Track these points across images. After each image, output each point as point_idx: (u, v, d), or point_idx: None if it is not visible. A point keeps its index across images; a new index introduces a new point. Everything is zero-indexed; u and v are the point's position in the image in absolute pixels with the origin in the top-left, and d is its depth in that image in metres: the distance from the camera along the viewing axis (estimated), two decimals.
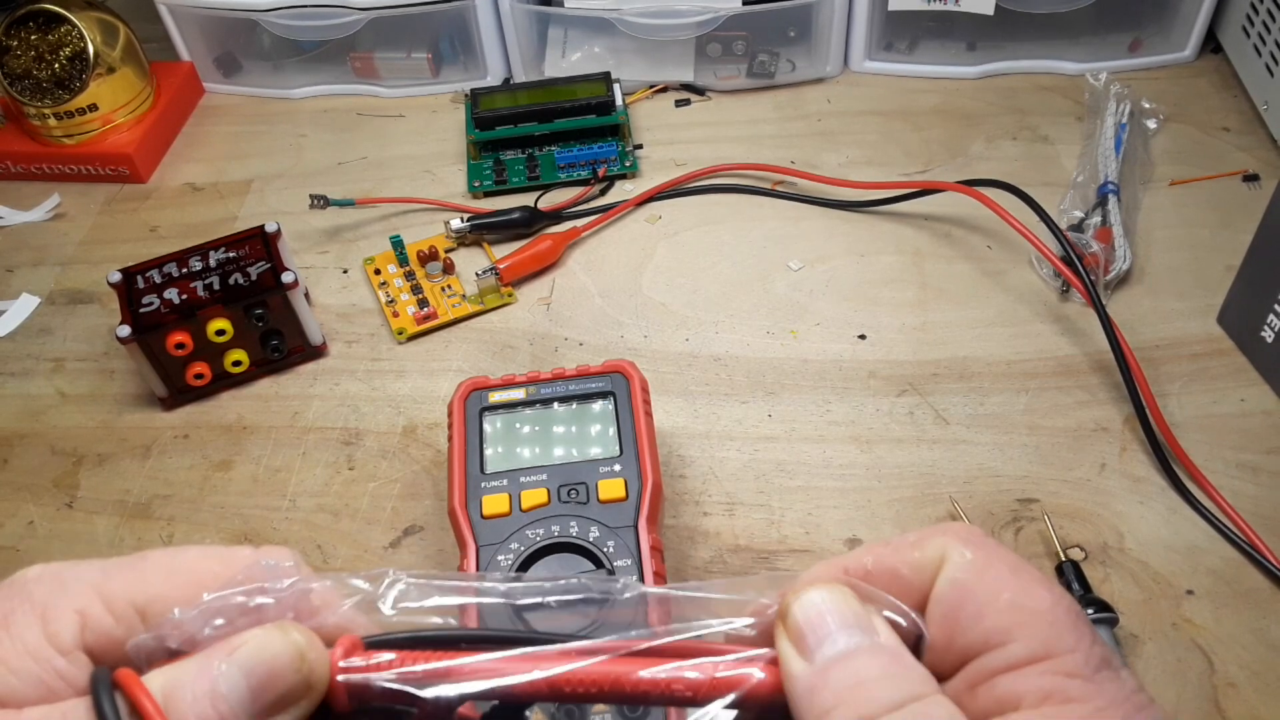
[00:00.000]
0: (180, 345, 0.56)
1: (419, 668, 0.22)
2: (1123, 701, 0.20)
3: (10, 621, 0.21)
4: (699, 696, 0.22)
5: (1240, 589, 0.46)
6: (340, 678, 0.22)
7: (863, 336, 0.59)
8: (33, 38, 0.71)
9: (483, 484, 0.46)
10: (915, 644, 0.22)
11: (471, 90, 0.73)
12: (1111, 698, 0.20)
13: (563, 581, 0.25)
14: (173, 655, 0.22)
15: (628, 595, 0.24)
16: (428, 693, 0.21)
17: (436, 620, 0.23)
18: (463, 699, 0.22)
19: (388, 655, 0.22)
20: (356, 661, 0.22)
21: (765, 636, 0.23)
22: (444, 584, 0.24)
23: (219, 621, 0.22)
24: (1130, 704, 0.20)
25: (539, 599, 0.25)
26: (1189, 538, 0.48)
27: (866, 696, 0.20)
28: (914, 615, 0.22)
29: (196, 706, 0.20)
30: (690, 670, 0.22)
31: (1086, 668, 0.20)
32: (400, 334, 0.61)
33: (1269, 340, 0.53)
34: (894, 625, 0.22)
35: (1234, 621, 0.45)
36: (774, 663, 0.22)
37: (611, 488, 0.45)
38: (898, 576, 0.22)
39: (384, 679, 0.22)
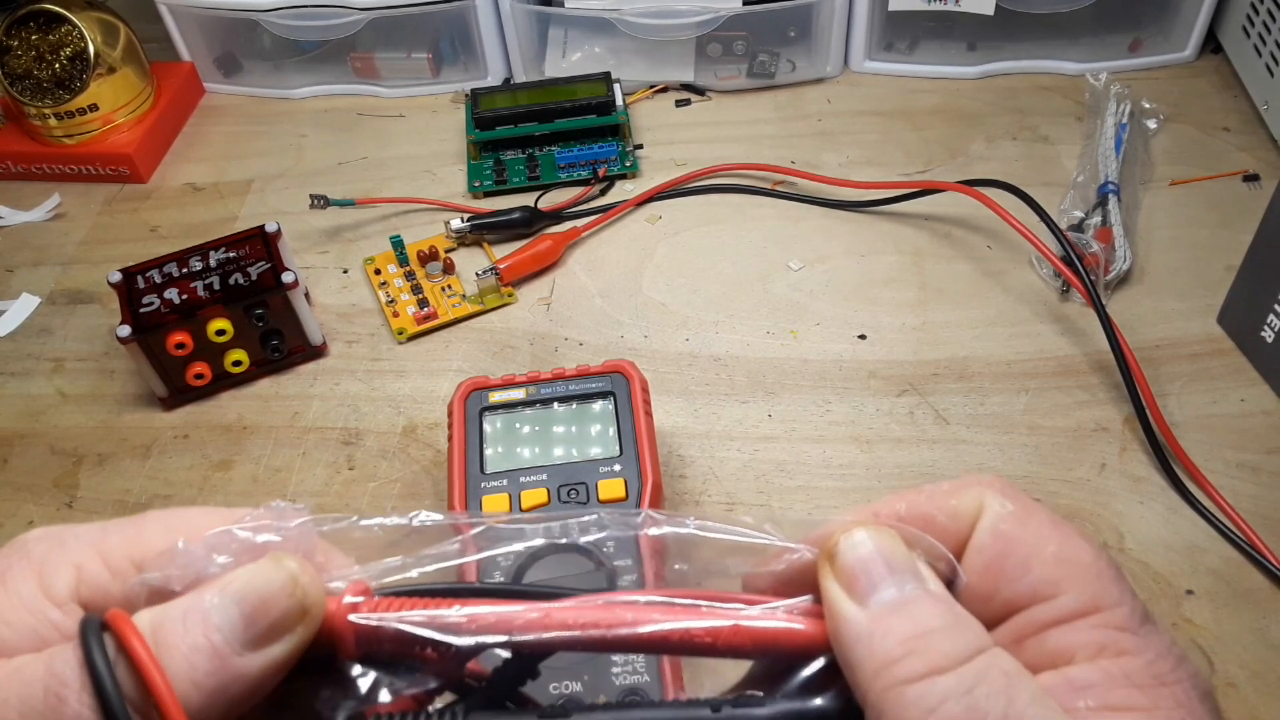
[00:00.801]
0: (180, 345, 0.56)
1: (431, 613, 0.21)
2: (1165, 654, 0.20)
3: (7, 577, 0.21)
4: (719, 644, 0.21)
5: (1240, 589, 0.46)
6: (352, 616, 0.21)
7: (863, 336, 0.59)
8: (33, 38, 0.71)
9: (483, 484, 0.46)
10: (949, 590, 0.21)
11: (472, 90, 0.73)
12: (1158, 651, 0.20)
13: (585, 519, 0.24)
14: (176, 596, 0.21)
15: (647, 532, 0.23)
16: (442, 638, 0.21)
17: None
18: (479, 648, 0.21)
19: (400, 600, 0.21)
20: (364, 602, 0.21)
21: (787, 585, 0.23)
22: (462, 520, 0.23)
23: (222, 559, 0.21)
24: (1172, 656, 0.20)
25: (561, 539, 0.24)
26: (1189, 538, 0.48)
27: (934, 648, 0.19)
28: (954, 561, 0.21)
29: (188, 637, 0.20)
30: (712, 618, 0.21)
31: (1133, 621, 0.20)
32: (400, 334, 0.61)
33: (1269, 340, 0.53)
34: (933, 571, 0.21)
35: (1234, 621, 0.45)
36: (805, 613, 0.21)
37: (611, 488, 0.45)
38: (932, 523, 0.22)
39: (397, 621, 0.21)
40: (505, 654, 0.21)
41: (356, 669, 0.21)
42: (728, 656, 0.21)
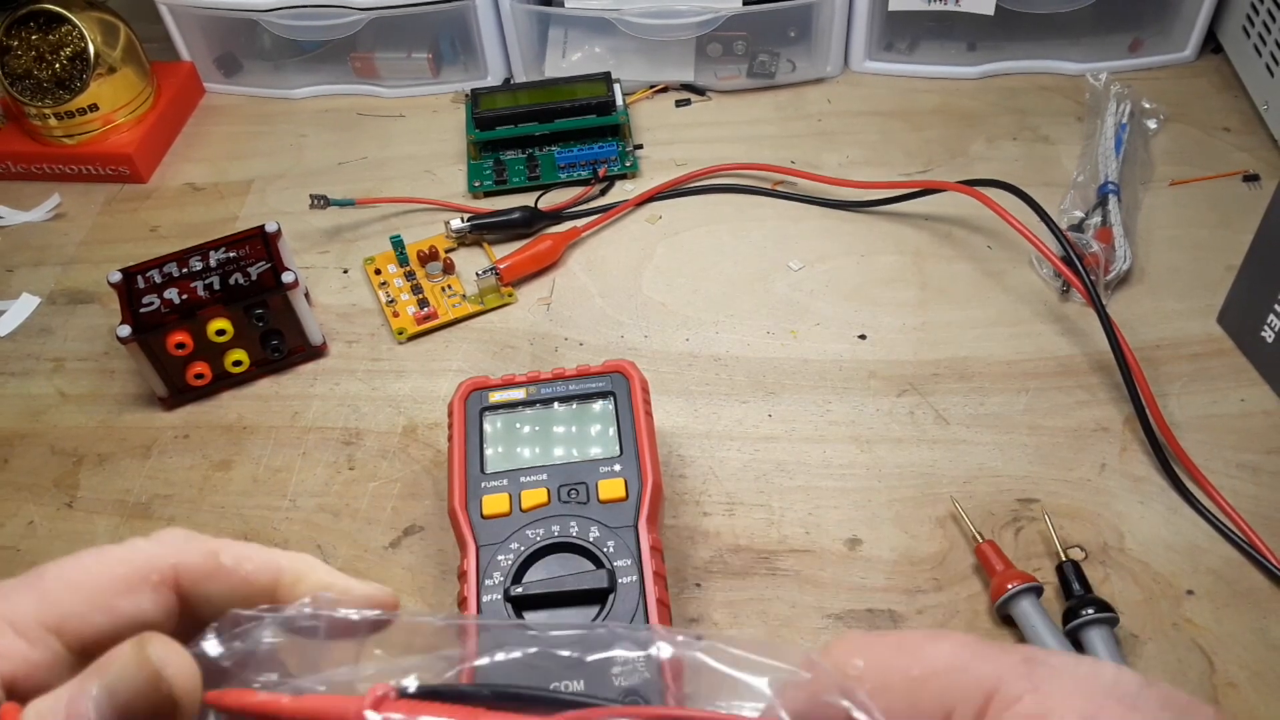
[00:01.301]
0: (180, 345, 0.56)
1: None
2: (1079, 684, 0.19)
3: None
4: None
5: (1240, 589, 0.46)
6: (367, 712, 0.21)
7: (863, 336, 0.59)
8: (33, 38, 0.71)
9: (483, 484, 0.46)
10: None
11: (472, 90, 0.73)
12: (1066, 689, 0.19)
13: (582, 632, 0.23)
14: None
15: (657, 653, 0.23)
16: None
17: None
18: None
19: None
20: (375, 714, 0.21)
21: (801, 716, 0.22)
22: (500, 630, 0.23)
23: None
24: (1084, 678, 0.19)
25: (569, 651, 0.23)
26: (1189, 538, 0.48)
27: None
28: None
29: None
30: None
31: (1025, 680, 0.19)
32: (400, 334, 0.61)
33: (1269, 340, 0.53)
34: None
35: (1234, 621, 0.45)
36: None
37: (612, 488, 0.45)
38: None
39: None
40: None
41: None
42: None
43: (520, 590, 0.42)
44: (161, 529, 0.24)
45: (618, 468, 0.45)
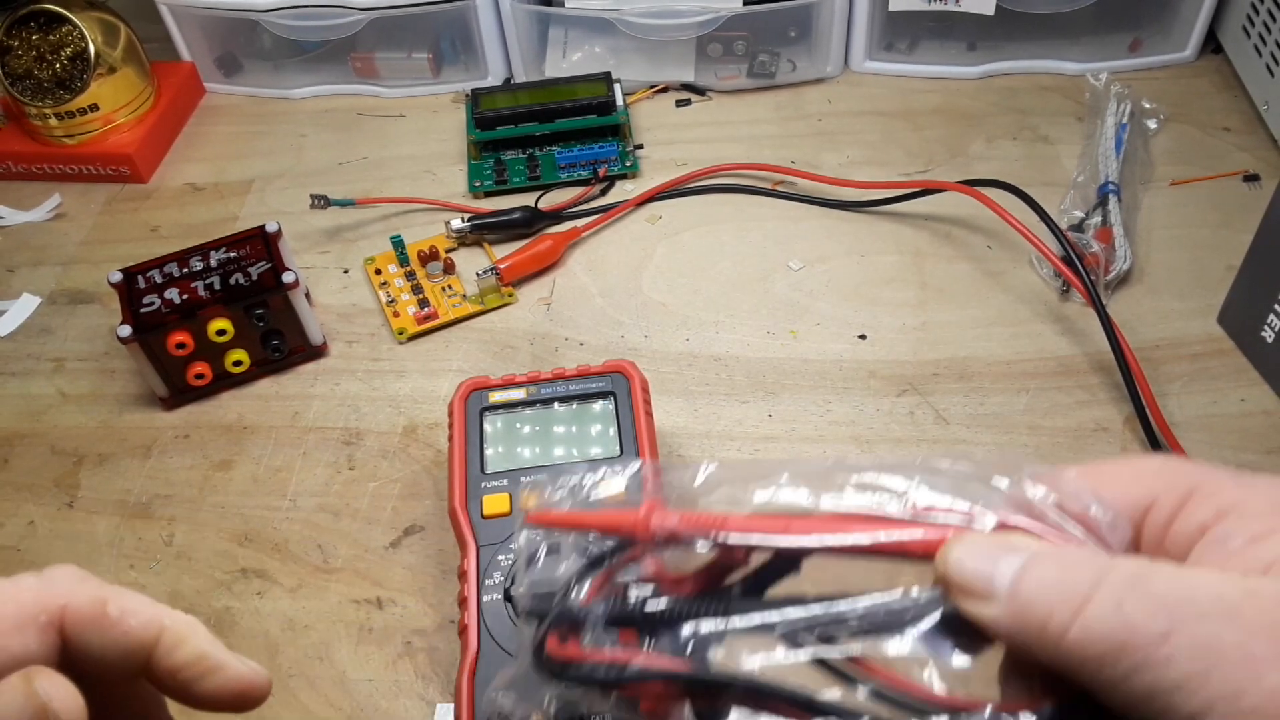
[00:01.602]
0: (181, 345, 0.56)
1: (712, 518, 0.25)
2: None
3: None
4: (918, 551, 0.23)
5: None
6: (654, 519, 0.26)
7: (863, 336, 0.59)
8: (34, 38, 0.71)
9: (483, 484, 0.46)
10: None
11: (472, 90, 0.73)
12: (1265, 486, 0.23)
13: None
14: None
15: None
16: (718, 538, 0.25)
17: None
18: (747, 546, 0.25)
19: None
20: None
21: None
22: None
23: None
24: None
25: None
26: None
27: (1065, 598, 0.20)
28: (1095, 501, 0.22)
29: None
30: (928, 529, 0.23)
31: (1228, 480, 0.23)
32: (401, 334, 0.61)
33: (1269, 340, 0.53)
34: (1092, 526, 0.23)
35: None
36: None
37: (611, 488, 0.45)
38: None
39: (682, 525, 0.25)
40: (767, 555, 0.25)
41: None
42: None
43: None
44: (53, 566, 0.24)
45: (618, 468, 0.45)
